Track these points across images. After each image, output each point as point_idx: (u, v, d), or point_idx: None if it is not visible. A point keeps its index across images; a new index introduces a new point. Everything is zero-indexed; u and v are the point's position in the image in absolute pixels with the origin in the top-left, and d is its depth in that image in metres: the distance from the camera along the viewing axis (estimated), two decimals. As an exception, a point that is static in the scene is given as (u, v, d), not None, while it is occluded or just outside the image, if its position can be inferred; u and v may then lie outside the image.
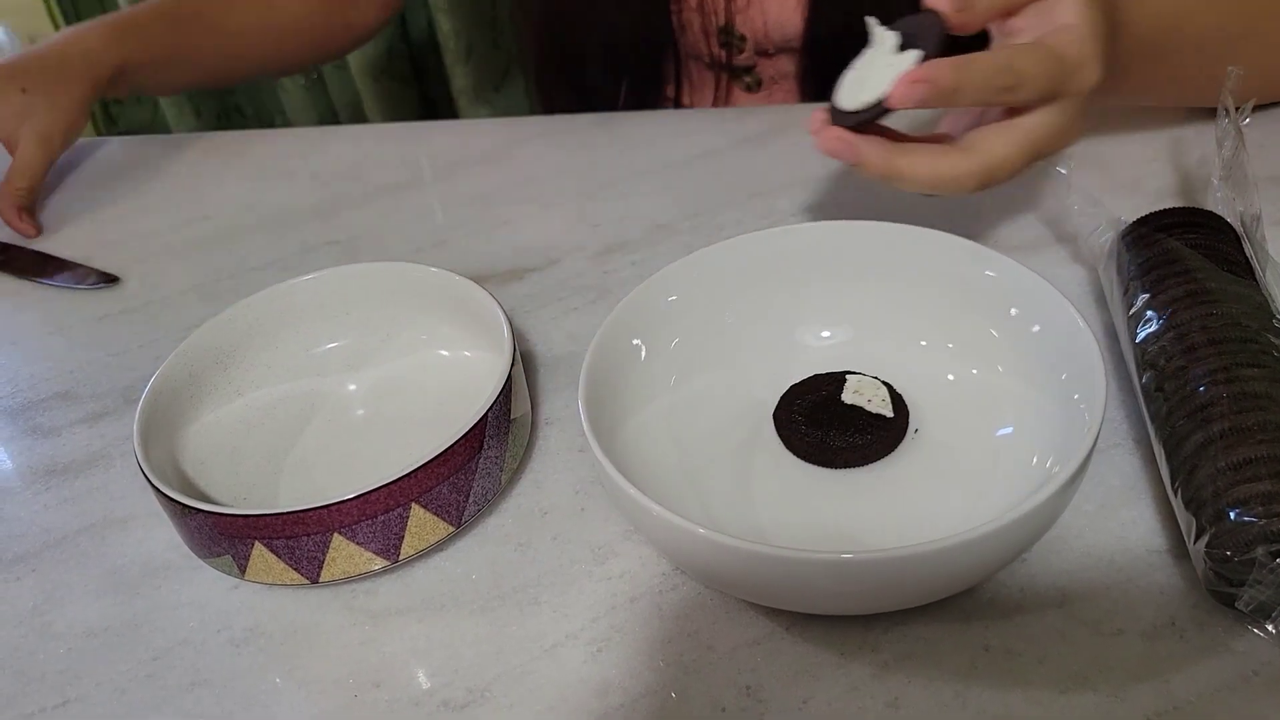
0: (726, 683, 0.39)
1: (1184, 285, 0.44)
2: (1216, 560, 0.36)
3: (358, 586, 0.44)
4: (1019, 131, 0.46)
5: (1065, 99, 0.46)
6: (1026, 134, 0.46)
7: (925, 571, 0.36)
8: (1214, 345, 0.41)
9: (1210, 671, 0.37)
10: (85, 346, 0.62)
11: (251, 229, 0.70)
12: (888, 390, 0.47)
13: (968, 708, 0.37)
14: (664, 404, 0.47)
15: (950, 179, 0.45)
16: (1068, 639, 0.39)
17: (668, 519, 0.37)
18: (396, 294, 0.53)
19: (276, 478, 0.49)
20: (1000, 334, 0.47)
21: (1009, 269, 0.46)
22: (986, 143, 0.46)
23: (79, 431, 0.55)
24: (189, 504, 0.41)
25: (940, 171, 0.45)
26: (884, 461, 0.45)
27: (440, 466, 0.42)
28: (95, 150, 0.83)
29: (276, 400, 0.52)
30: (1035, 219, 0.58)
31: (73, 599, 0.46)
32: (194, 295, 0.65)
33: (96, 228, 0.73)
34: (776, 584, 0.38)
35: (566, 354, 0.55)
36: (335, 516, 0.41)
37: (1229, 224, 0.48)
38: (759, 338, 0.50)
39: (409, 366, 0.54)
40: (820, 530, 0.43)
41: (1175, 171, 0.59)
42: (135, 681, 0.42)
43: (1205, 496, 0.37)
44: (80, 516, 0.50)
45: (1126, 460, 0.45)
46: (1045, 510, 0.36)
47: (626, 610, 0.42)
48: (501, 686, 0.40)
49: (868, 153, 0.45)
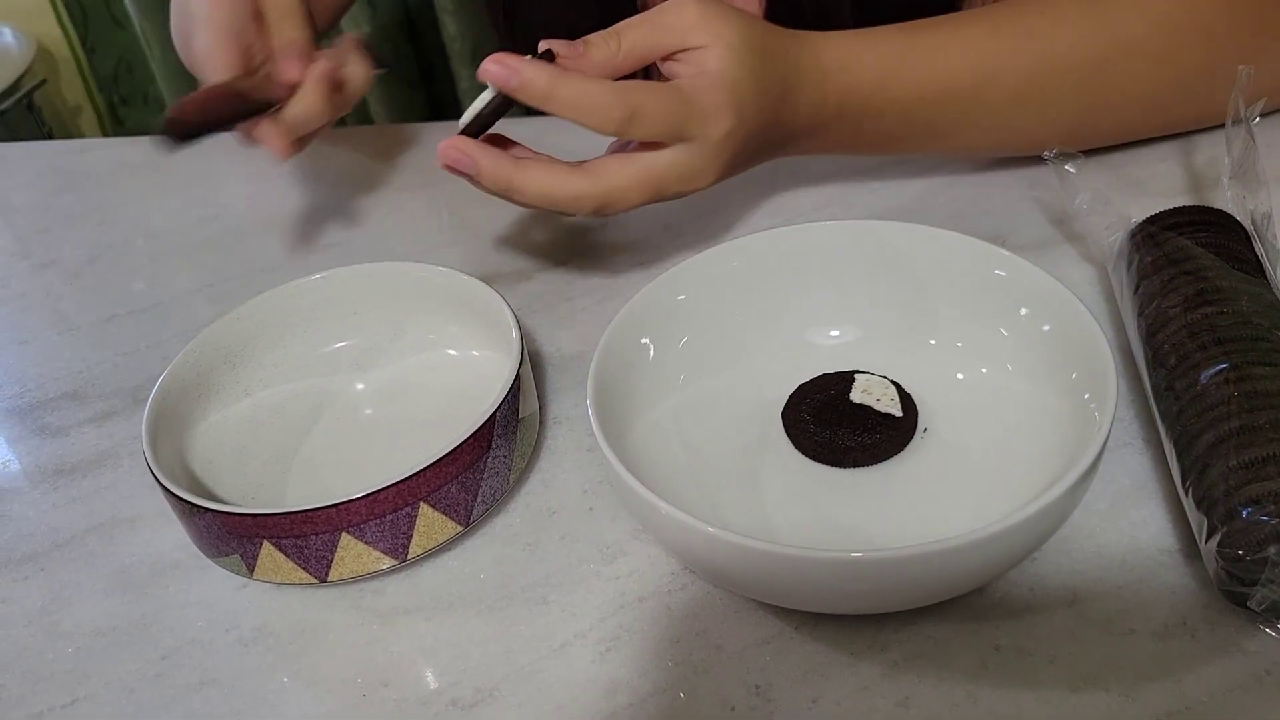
0: (736, 682, 0.39)
1: (1194, 284, 0.44)
2: (1228, 559, 0.36)
3: (366, 586, 0.44)
4: (639, 165, 0.47)
5: (695, 142, 0.47)
6: (647, 169, 0.47)
7: (935, 571, 0.36)
8: (1225, 344, 0.41)
9: (1222, 672, 0.37)
10: (93, 346, 0.62)
11: (259, 230, 0.70)
12: (896, 389, 0.46)
13: (978, 707, 0.37)
14: (672, 403, 0.47)
15: (565, 198, 0.47)
16: (1079, 638, 0.38)
17: (677, 518, 0.37)
18: (404, 294, 0.53)
19: (284, 477, 0.49)
20: (1010, 333, 0.47)
21: (1019, 268, 0.46)
22: (607, 169, 0.47)
23: (87, 431, 0.55)
24: (197, 503, 0.41)
25: (555, 190, 0.47)
26: (893, 461, 0.45)
27: (448, 466, 0.42)
28: (102, 151, 0.84)
29: (284, 400, 0.52)
30: (1044, 218, 0.58)
31: (81, 598, 0.46)
32: (202, 296, 0.65)
33: (104, 229, 0.73)
34: (785, 583, 0.38)
35: (574, 353, 0.55)
36: (343, 516, 0.40)
37: (1239, 223, 0.48)
38: (767, 337, 0.50)
39: (417, 366, 0.54)
40: (829, 529, 0.43)
41: (1184, 170, 0.59)
42: (143, 681, 0.42)
43: (1217, 495, 0.37)
44: (88, 516, 0.50)
45: (1137, 459, 0.44)
46: (1056, 510, 0.36)
47: (635, 610, 0.42)
48: (510, 686, 0.40)
49: (485, 164, 0.47)
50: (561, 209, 0.48)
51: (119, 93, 1.78)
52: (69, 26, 1.72)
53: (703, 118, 0.47)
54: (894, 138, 0.56)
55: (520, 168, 0.47)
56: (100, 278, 0.68)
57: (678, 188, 0.48)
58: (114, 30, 1.72)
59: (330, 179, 0.74)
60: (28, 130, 1.64)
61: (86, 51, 1.74)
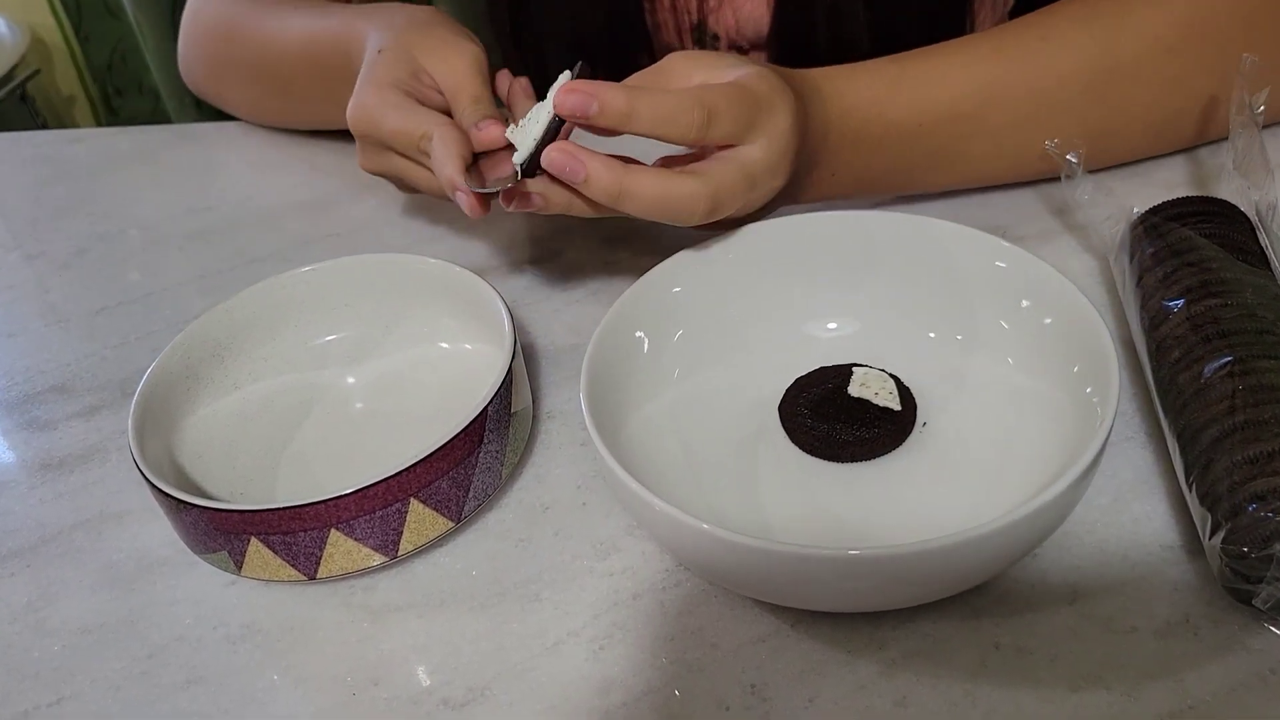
0: (731, 681, 0.38)
1: (1198, 275, 0.43)
2: (1233, 556, 0.36)
3: (356, 583, 0.44)
4: (737, 161, 0.46)
5: (766, 135, 0.46)
6: (743, 164, 0.46)
7: (934, 568, 0.35)
8: (1229, 337, 0.40)
9: (1226, 670, 0.36)
10: (82, 339, 0.61)
11: (251, 221, 0.69)
12: (895, 383, 0.46)
13: (978, 706, 0.36)
14: (667, 397, 0.47)
15: (680, 198, 0.45)
16: (1079, 636, 0.38)
17: (671, 514, 0.36)
18: (396, 286, 0.52)
19: (274, 472, 0.48)
20: (1010, 325, 0.46)
21: (1020, 260, 0.45)
22: (711, 169, 0.46)
23: (75, 425, 0.55)
24: (184, 499, 0.41)
25: (670, 192, 0.45)
26: (891, 455, 0.45)
27: (440, 461, 0.41)
28: (93, 141, 0.83)
29: (274, 393, 0.51)
30: (1045, 209, 0.57)
31: (67, 595, 0.46)
32: (192, 287, 0.64)
33: (95, 219, 0.72)
34: (782, 581, 0.37)
35: (568, 346, 0.54)
36: (333, 512, 0.40)
37: (1243, 213, 0.47)
38: (764, 330, 0.49)
39: (409, 359, 0.53)
40: (826, 525, 0.43)
41: (1187, 161, 0.59)
42: (130, 679, 0.42)
43: (1221, 491, 0.36)
44: (75, 511, 0.50)
45: (1139, 454, 0.44)
46: (1057, 506, 0.36)
47: (629, 607, 0.41)
48: (502, 684, 0.39)
49: (596, 169, 0.44)
50: (673, 213, 0.45)
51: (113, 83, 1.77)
52: (63, 16, 1.71)
53: (769, 107, 0.46)
54: (898, 168, 0.55)
55: (631, 171, 0.45)
56: (90, 269, 0.67)
57: (767, 181, 0.47)
58: (108, 20, 1.71)
59: (323, 170, 0.73)
60: (22, 121, 1.64)
61: (80, 41, 1.73)
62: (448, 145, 0.49)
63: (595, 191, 0.44)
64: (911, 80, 0.53)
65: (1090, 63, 0.53)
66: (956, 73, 0.54)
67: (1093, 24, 0.54)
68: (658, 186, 0.44)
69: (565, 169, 0.44)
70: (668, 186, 0.45)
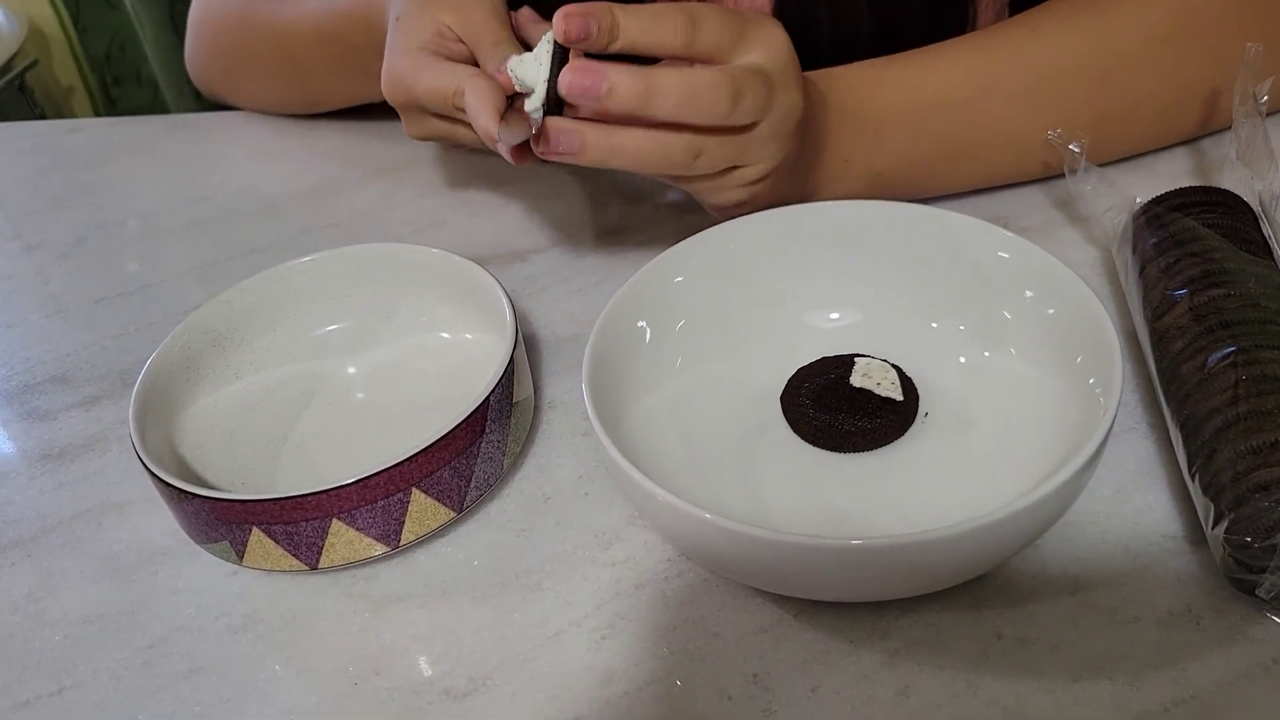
0: (733, 671, 0.38)
1: (1201, 265, 0.43)
2: (1236, 546, 0.36)
3: (357, 572, 0.44)
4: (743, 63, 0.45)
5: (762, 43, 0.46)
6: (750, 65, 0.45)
7: (936, 558, 0.35)
8: (1232, 327, 0.40)
9: (1229, 660, 0.36)
10: (82, 329, 0.61)
11: (250, 211, 0.69)
12: (897, 373, 0.46)
13: (979, 696, 0.36)
14: (669, 387, 0.47)
15: (705, 86, 0.43)
16: (1081, 627, 0.38)
17: (673, 504, 0.36)
18: (397, 276, 0.52)
19: (275, 462, 0.48)
20: (1013, 316, 0.46)
21: (1023, 250, 0.45)
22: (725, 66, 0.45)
23: (75, 415, 0.55)
24: (185, 489, 0.41)
25: (694, 81, 0.43)
26: (893, 446, 0.44)
27: (441, 451, 0.41)
28: (91, 131, 0.83)
29: (275, 383, 0.51)
30: (1046, 200, 0.57)
31: (68, 585, 0.46)
32: (192, 277, 0.64)
33: (94, 209, 0.72)
34: (784, 570, 0.37)
35: (569, 336, 0.54)
36: (334, 502, 0.40)
37: (1246, 203, 0.47)
38: (766, 319, 0.49)
39: (409, 349, 0.53)
40: (828, 515, 0.43)
41: (1190, 151, 0.58)
42: (131, 669, 0.42)
43: (1225, 481, 0.36)
44: (76, 501, 0.50)
45: (1141, 444, 0.44)
46: (1060, 496, 0.36)
47: (631, 597, 0.41)
48: (504, 674, 0.39)
49: (618, 75, 0.42)
50: (699, 104, 0.44)
51: (111, 73, 1.77)
52: (60, 6, 1.70)
53: (758, 21, 0.46)
54: (907, 159, 0.55)
55: (652, 70, 0.43)
56: (89, 259, 0.67)
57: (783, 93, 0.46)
58: (106, 10, 1.70)
59: (322, 159, 0.73)
60: (20, 112, 1.63)
61: (78, 31, 1.72)
62: (480, 96, 0.46)
63: (623, 98, 0.43)
64: (901, 66, 0.54)
65: (1085, 50, 0.53)
66: (946, 63, 0.54)
67: (1082, 17, 0.54)
68: (681, 77, 0.43)
69: (586, 86, 0.43)
70: (691, 76, 0.43)
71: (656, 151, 0.45)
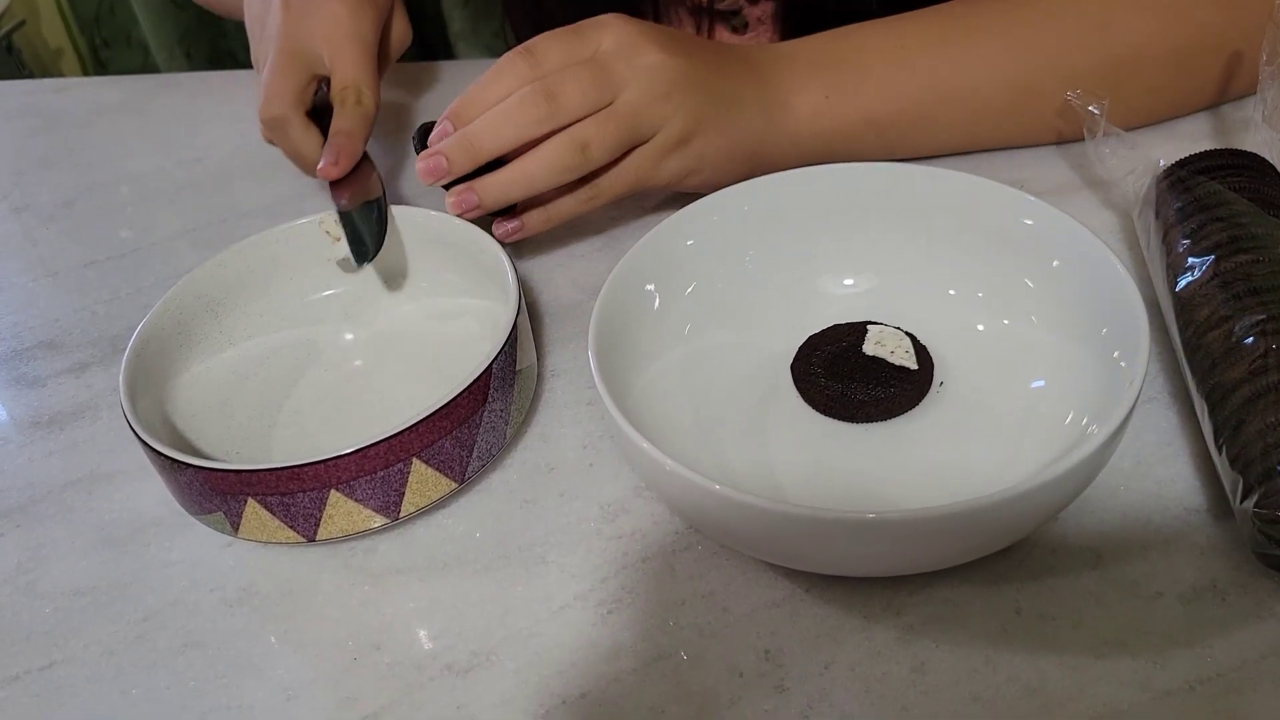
0: (744, 646, 0.37)
1: (1226, 230, 0.42)
2: (1265, 521, 0.34)
3: (356, 545, 0.43)
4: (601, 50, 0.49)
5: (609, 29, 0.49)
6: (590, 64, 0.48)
7: (954, 533, 0.34)
8: (1260, 294, 0.39)
9: (1255, 637, 0.35)
10: (72, 293, 0.59)
11: (244, 172, 0.68)
12: (912, 341, 0.44)
13: (998, 673, 0.35)
14: (678, 354, 0.45)
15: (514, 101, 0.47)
16: (1103, 602, 0.37)
17: (682, 475, 0.35)
18: (396, 240, 0.51)
19: (270, 431, 0.47)
20: (1034, 283, 0.44)
21: (1050, 217, 0.43)
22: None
23: (65, 382, 0.53)
24: (178, 459, 0.39)
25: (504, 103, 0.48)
26: (907, 416, 0.43)
27: (442, 420, 0.40)
28: (80, 91, 0.80)
29: (270, 350, 0.50)
30: (1063, 163, 0.56)
31: (59, 556, 0.44)
32: (185, 240, 0.62)
33: (83, 171, 0.70)
34: (796, 544, 0.36)
35: (573, 303, 0.53)
36: (332, 472, 0.39)
37: (1273, 166, 0.46)
38: (778, 285, 0.48)
39: (409, 315, 0.51)
40: (841, 487, 0.41)
41: (1211, 115, 0.57)
42: (124, 643, 0.41)
43: (1254, 454, 0.35)
44: (66, 470, 0.48)
45: (1163, 415, 0.43)
46: (1084, 468, 0.34)
47: (638, 570, 0.40)
48: (507, 649, 0.38)
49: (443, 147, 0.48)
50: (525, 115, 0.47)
51: (101, 34, 1.73)
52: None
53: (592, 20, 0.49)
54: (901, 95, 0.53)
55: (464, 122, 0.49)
56: (78, 222, 0.66)
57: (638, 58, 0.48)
58: (95, -31, 1.67)
59: (317, 120, 0.71)
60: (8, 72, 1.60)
61: (67, -9, 1.69)
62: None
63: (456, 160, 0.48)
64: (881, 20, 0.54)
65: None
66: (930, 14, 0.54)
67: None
68: (491, 107, 0.48)
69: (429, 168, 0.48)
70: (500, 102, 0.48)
71: (544, 164, 0.48)
